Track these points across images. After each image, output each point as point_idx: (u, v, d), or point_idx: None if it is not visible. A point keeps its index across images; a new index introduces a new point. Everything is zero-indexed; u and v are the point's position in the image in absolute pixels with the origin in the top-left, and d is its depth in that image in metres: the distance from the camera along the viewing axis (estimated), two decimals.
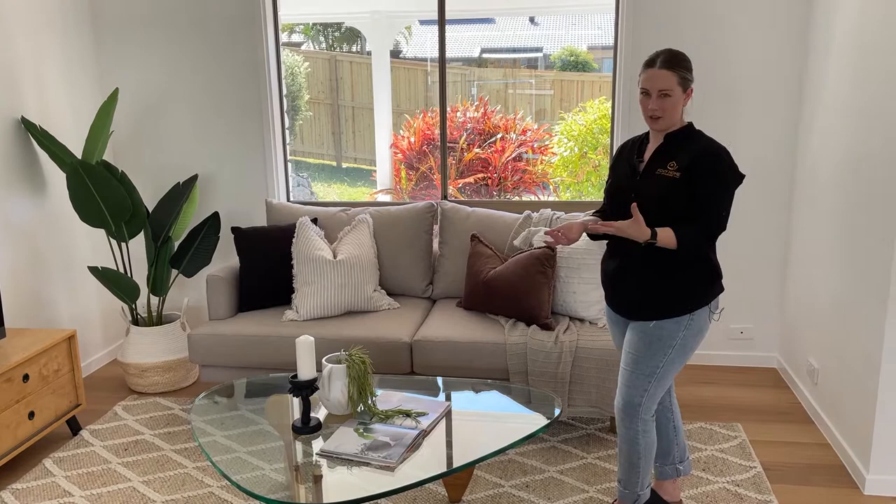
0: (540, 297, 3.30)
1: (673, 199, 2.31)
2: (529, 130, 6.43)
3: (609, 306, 2.59)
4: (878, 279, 2.78)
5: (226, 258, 4.36)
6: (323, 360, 2.58)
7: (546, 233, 2.49)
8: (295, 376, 2.51)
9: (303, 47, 10.53)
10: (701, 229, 2.28)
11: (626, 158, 2.51)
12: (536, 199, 6.29)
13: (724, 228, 2.31)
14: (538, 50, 10.83)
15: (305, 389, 2.47)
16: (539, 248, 3.41)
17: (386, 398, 2.66)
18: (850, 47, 3.15)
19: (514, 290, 3.33)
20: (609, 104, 6.50)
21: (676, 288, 2.35)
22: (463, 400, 2.72)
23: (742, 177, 2.32)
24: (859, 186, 2.99)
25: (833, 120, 3.32)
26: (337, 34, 10.92)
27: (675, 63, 2.31)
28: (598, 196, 6.30)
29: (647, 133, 2.50)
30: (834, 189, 3.28)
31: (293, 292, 3.63)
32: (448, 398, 2.72)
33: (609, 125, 6.32)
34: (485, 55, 10.55)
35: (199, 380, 4.04)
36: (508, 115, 6.68)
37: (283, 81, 4.27)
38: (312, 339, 2.48)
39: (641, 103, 2.37)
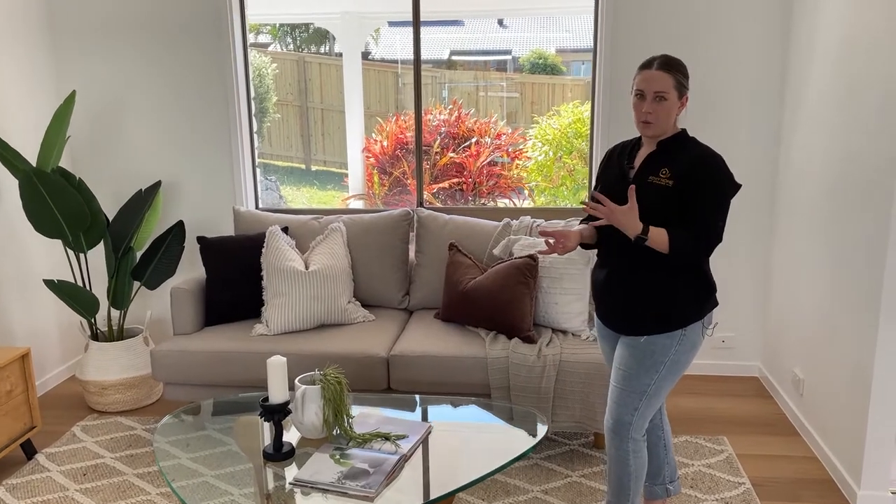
0: (522, 308, 3.19)
1: (664, 209, 2.20)
2: (504, 134, 6.32)
3: (599, 319, 2.48)
4: (868, 290, 2.71)
5: (191, 269, 4.16)
6: (296, 381, 2.43)
7: (541, 232, 2.33)
8: (266, 399, 2.35)
9: (270, 48, 10.35)
10: (696, 240, 2.18)
11: (615, 164, 2.40)
12: (512, 203, 6.19)
13: (720, 240, 2.22)
14: (507, 52, 10.80)
15: (278, 413, 2.32)
16: (520, 257, 3.29)
17: (362, 419, 2.51)
18: (834, 54, 3.09)
19: (494, 302, 3.21)
20: (583, 108, 6.44)
21: (669, 302, 2.25)
22: (444, 420, 2.59)
23: (738, 186, 2.23)
24: (846, 194, 2.93)
25: (817, 126, 3.26)
26: (305, 35, 10.76)
27: (672, 66, 2.22)
28: (573, 201, 6.21)
29: (639, 138, 2.39)
30: (819, 196, 3.21)
31: (263, 305, 3.46)
32: (428, 419, 2.59)
33: (583, 129, 6.27)
34: (454, 57, 10.48)
35: (162, 397, 3.85)
36: (482, 119, 6.56)
37: (251, 84, 4.10)
38: (284, 359, 2.33)
39: (635, 107, 2.26)
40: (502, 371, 3.06)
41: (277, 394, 2.33)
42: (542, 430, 2.51)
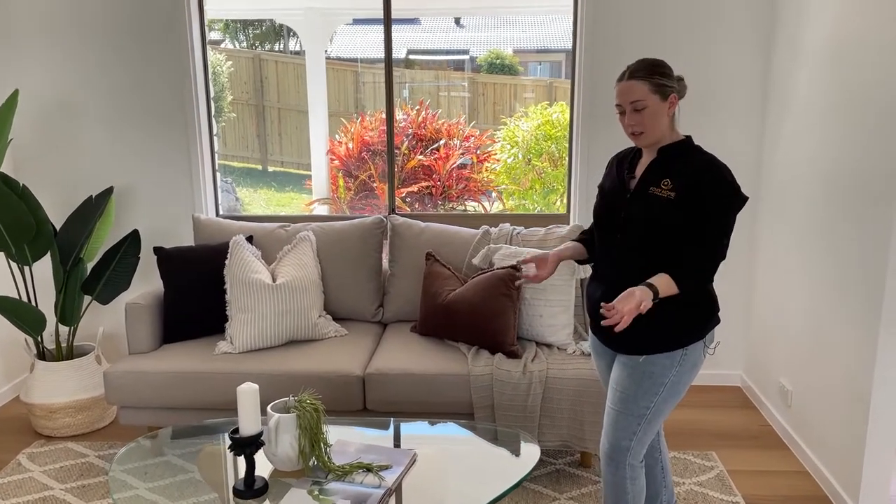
0: (505, 321, 3.02)
1: (665, 223, 2.06)
2: (472, 136, 6.16)
3: (594, 336, 2.33)
4: (866, 299, 2.62)
5: (147, 282, 3.89)
6: (268, 409, 2.22)
7: (519, 263, 2.24)
8: (236, 430, 2.14)
9: (221, 45, 10.12)
10: (700, 260, 2.05)
11: (616, 174, 2.26)
12: (482, 207, 6.02)
13: (724, 258, 2.08)
14: (464, 52, 10.75)
15: (250, 446, 2.11)
16: (502, 267, 3.12)
17: (341, 448, 2.32)
18: (823, 59, 3.00)
19: (476, 315, 3.04)
20: (552, 110, 6.31)
21: (670, 319, 2.11)
22: (427, 445, 2.41)
23: (745, 199, 2.09)
24: (840, 200, 2.84)
25: (805, 130, 3.17)
26: (258, 32, 10.54)
27: (646, 72, 2.07)
28: (543, 204, 6.09)
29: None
30: (808, 202, 3.12)
31: (227, 321, 3.22)
32: (411, 444, 2.41)
33: (552, 131, 6.14)
34: (411, 56, 10.40)
35: (116, 420, 3.58)
36: (451, 121, 6.39)
37: (210, 83, 3.85)
38: (256, 387, 2.12)
39: (620, 122, 2.16)
40: (486, 389, 2.89)
41: (249, 425, 2.12)
42: (533, 454, 2.36)
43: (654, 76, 2.07)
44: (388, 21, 3.75)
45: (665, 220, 2.06)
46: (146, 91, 3.75)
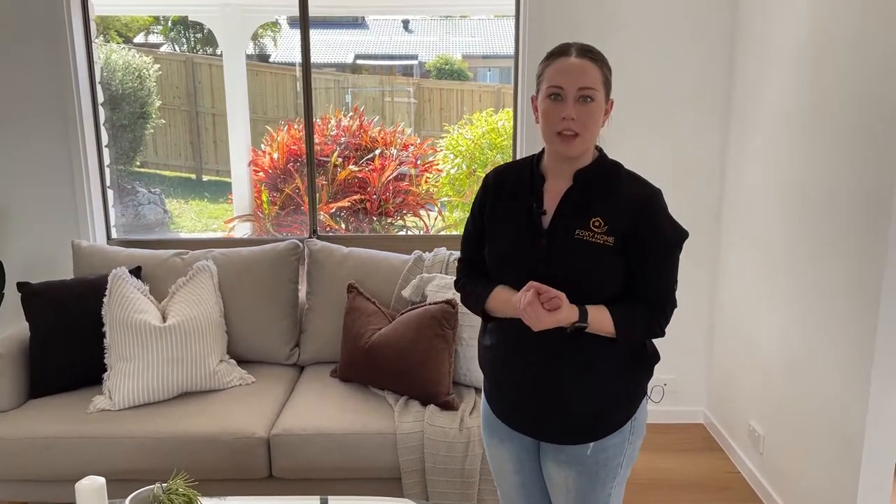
0: (439, 367, 2.57)
1: (604, 275, 1.59)
2: (412, 145, 5.70)
3: (499, 418, 1.77)
4: (853, 330, 2.25)
5: (13, 324, 3.29)
6: (126, 502, 1.72)
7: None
8: None
9: (162, 49, 9.62)
10: (651, 314, 1.62)
11: (511, 204, 1.68)
12: (423, 224, 5.55)
13: (675, 307, 1.67)
14: (413, 57, 10.48)
15: None
16: (436, 302, 2.67)
17: None
18: (794, 58, 2.64)
19: (405, 361, 2.58)
20: (497, 117, 5.91)
21: (615, 391, 1.67)
22: None
23: (686, 234, 1.67)
24: (816, 214, 2.47)
25: (774, 137, 2.81)
26: (199, 35, 10.07)
27: (597, 56, 1.58)
28: None
29: (534, 162, 1.70)
30: (777, 216, 2.75)
31: (105, 371, 2.68)
32: None
33: (499, 139, 5.73)
34: (359, 61, 10.06)
35: None
36: (388, 128, 5.92)
37: (98, 86, 3.31)
38: (102, 482, 1.63)
39: (546, 114, 1.57)
40: (416, 450, 2.43)
41: None
42: None
43: (605, 65, 1.59)
44: (304, 22, 3.28)
45: (602, 273, 1.58)
46: (17, 97, 3.18)
